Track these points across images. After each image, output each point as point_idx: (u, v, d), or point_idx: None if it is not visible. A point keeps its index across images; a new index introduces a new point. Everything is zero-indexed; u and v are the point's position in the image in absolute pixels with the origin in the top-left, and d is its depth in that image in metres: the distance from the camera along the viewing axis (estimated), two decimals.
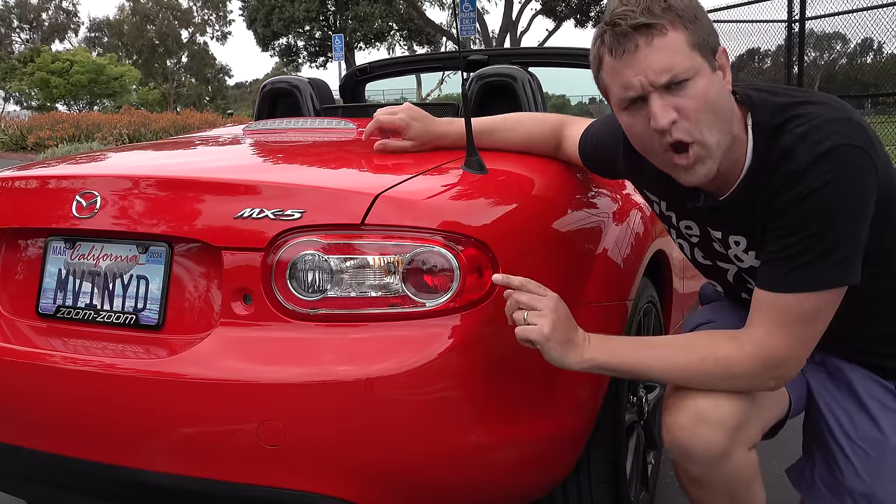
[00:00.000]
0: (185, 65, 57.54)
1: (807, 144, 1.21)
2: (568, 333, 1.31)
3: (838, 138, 1.19)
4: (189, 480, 1.34)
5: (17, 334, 1.54)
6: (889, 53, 11.10)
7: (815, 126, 1.21)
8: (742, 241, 1.38)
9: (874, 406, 1.42)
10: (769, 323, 1.26)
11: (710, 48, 1.24)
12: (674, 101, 1.21)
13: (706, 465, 1.33)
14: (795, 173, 1.21)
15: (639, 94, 1.23)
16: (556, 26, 31.60)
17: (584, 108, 29.39)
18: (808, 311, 1.24)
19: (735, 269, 1.45)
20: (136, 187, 1.50)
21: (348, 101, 3.31)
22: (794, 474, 1.54)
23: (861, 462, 1.40)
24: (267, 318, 1.35)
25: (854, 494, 1.41)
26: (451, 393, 1.31)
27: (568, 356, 1.31)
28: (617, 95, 1.27)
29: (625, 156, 1.50)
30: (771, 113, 1.27)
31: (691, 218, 1.45)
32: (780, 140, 1.24)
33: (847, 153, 1.19)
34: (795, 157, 1.21)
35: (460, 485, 1.37)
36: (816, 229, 1.20)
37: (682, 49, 1.21)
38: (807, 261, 1.22)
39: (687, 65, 1.20)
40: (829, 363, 1.48)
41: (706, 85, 1.22)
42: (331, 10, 32.40)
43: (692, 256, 1.55)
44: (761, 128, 1.28)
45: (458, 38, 2.63)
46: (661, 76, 1.20)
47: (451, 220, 1.35)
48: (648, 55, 1.20)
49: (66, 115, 22.69)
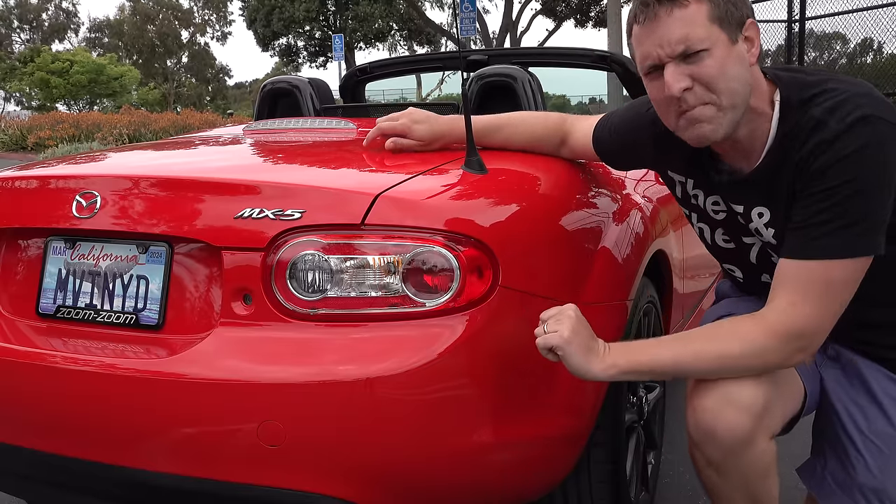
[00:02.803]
0: (185, 65, 57.54)
1: (837, 116, 1.25)
2: (588, 341, 1.32)
3: (868, 109, 1.24)
4: (189, 480, 1.34)
5: (17, 334, 1.55)
6: (889, 53, 11.10)
7: (843, 100, 1.26)
8: (766, 214, 1.39)
9: (888, 401, 1.42)
10: (793, 292, 1.27)
11: (736, 20, 1.28)
12: (689, 70, 1.27)
13: (728, 450, 1.33)
14: (826, 141, 1.25)
15: (656, 63, 1.30)
16: (556, 26, 31.61)
17: (584, 108, 29.38)
18: (833, 279, 1.26)
19: (759, 244, 1.46)
20: (136, 187, 1.50)
21: (348, 101, 3.31)
22: (804, 471, 1.54)
23: (873, 458, 1.41)
24: (267, 318, 1.35)
25: (865, 490, 1.41)
26: (451, 393, 1.31)
27: (591, 364, 1.31)
28: (640, 63, 1.34)
29: (656, 135, 1.52)
30: (799, 89, 1.31)
31: (717, 192, 1.47)
32: (808, 113, 1.29)
33: (876, 124, 1.23)
34: (827, 127, 1.25)
35: (460, 485, 1.37)
36: (845, 195, 1.23)
37: (702, 21, 1.26)
38: (835, 228, 1.24)
39: (702, 36, 1.26)
40: (843, 357, 1.48)
41: (723, 56, 1.27)
42: (331, 10, 32.39)
43: (712, 241, 1.56)
44: (790, 102, 1.31)
45: (458, 38, 2.64)
46: (677, 46, 1.26)
47: (452, 220, 1.35)
48: (668, 25, 1.27)
49: (66, 115, 22.68)
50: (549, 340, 1.30)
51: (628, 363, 1.32)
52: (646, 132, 1.55)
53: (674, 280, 2.23)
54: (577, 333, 1.30)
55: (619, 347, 1.35)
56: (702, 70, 1.26)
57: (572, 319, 1.32)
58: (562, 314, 1.33)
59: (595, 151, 1.71)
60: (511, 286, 1.37)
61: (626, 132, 1.63)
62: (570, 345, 1.29)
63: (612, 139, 1.67)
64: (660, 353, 1.34)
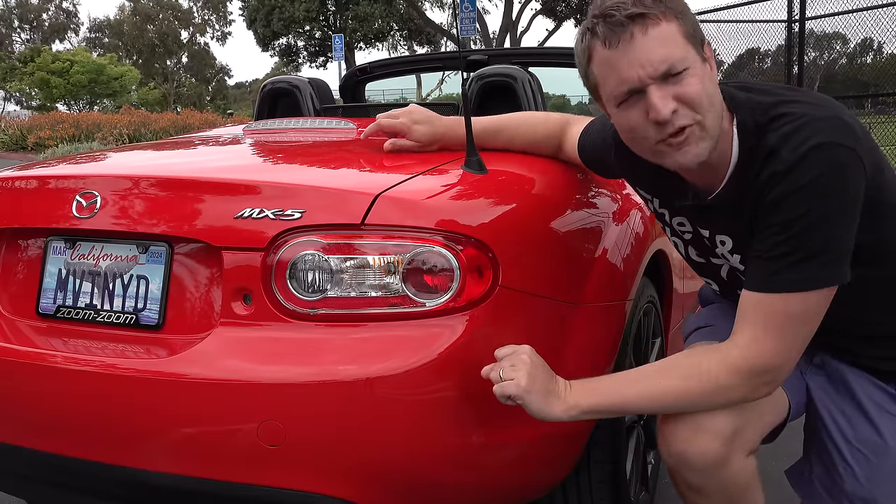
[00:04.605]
0: (185, 65, 57.54)
1: (791, 144, 1.19)
2: (547, 384, 1.29)
3: (823, 136, 1.18)
4: (189, 480, 1.34)
5: (18, 334, 1.55)
6: (889, 53, 11.11)
7: (799, 125, 1.20)
8: (728, 242, 1.37)
9: (874, 410, 1.41)
10: (755, 327, 1.24)
11: (699, 40, 1.24)
12: (672, 90, 1.20)
13: (703, 474, 1.33)
14: (780, 173, 1.20)
15: (636, 87, 1.21)
16: (556, 26, 31.61)
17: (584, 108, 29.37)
18: (794, 312, 1.22)
19: (728, 266, 1.44)
20: (136, 187, 1.50)
21: (348, 101, 3.31)
22: (793, 475, 1.54)
23: (860, 466, 1.39)
24: (267, 318, 1.35)
25: (853, 498, 1.40)
26: (451, 393, 1.31)
27: (552, 407, 1.28)
28: (612, 90, 1.24)
29: (616, 156, 1.50)
30: (755, 112, 1.26)
31: (682, 214, 1.45)
32: (764, 140, 1.24)
33: (831, 151, 1.18)
34: (780, 157, 1.20)
35: (460, 485, 1.37)
36: (802, 228, 1.19)
37: (677, 39, 1.20)
38: (794, 261, 1.20)
39: (683, 55, 1.20)
40: (828, 366, 1.47)
41: (701, 75, 1.21)
42: (331, 10, 32.40)
43: (686, 254, 1.54)
44: (746, 127, 1.26)
45: (458, 38, 2.64)
46: (660, 66, 1.19)
47: (451, 220, 1.35)
48: (645, 44, 1.19)
49: (66, 115, 22.67)
50: (506, 389, 1.26)
51: (589, 404, 1.30)
52: (610, 150, 1.52)
53: (674, 280, 2.23)
54: (534, 379, 1.27)
55: (581, 386, 1.32)
56: (686, 90, 1.19)
57: (527, 365, 1.27)
58: (516, 359, 1.29)
59: (581, 161, 1.70)
60: (511, 286, 1.37)
61: (598, 146, 1.60)
62: (528, 393, 1.26)
63: (591, 150, 1.65)
64: (622, 391, 1.31)
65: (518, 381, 1.26)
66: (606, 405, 1.31)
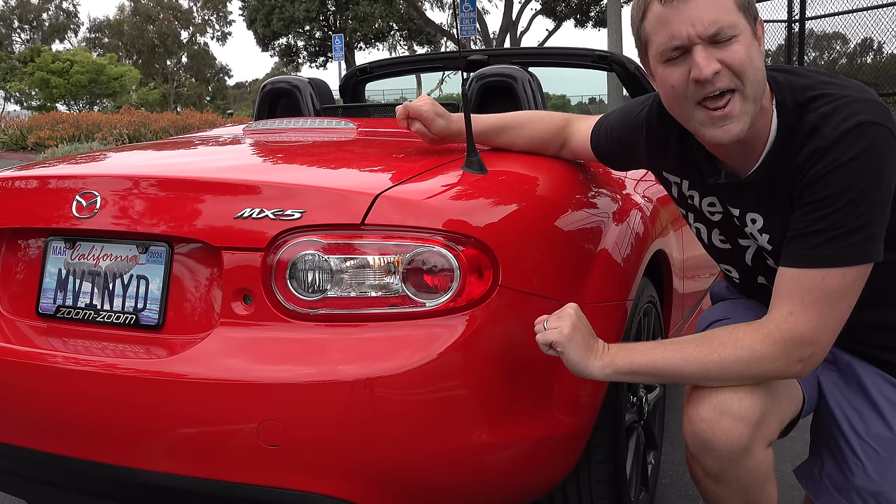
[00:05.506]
0: (185, 65, 57.55)
1: (833, 122, 1.23)
2: (587, 339, 1.33)
3: (864, 116, 1.21)
4: (189, 480, 1.34)
5: (18, 334, 1.54)
6: (889, 53, 11.10)
7: (839, 105, 1.24)
8: (759, 220, 1.39)
9: (885, 404, 1.42)
10: (793, 302, 1.26)
11: (753, 15, 1.27)
12: (718, 54, 1.23)
13: (726, 459, 1.33)
14: (822, 149, 1.23)
15: (684, 44, 1.24)
16: (556, 26, 31.60)
17: (584, 108, 29.37)
18: (833, 288, 1.24)
19: (755, 246, 1.45)
20: (136, 187, 1.50)
21: (348, 101, 3.31)
22: (801, 473, 1.54)
23: (871, 460, 1.40)
24: (267, 318, 1.35)
25: (863, 493, 1.41)
26: (452, 393, 1.31)
27: (589, 362, 1.32)
28: (660, 45, 1.28)
29: (648, 135, 1.51)
30: (795, 92, 1.29)
31: (714, 193, 1.46)
32: (805, 119, 1.27)
33: (873, 130, 1.21)
34: (822, 134, 1.23)
35: (460, 485, 1.37)
36: (843, 204, 1.21)
37: (730, 6, 1.24)
38: (833, 236, 1.22)
39: (734, 21, 1.23)
40: (840, 360, 1.48)
41: (748, 45, 1.25)
42: (331, 10, 32.41)
43: (709, 241, 1.55)
44: (785, 107, 1.30)
45: (458, 38, 2.64)
46: (710, 27, 1.22)
47: (452, 220, 1.35)
48: (699, 4, 1.22)
49: (66, 115, 22.65)
50: (548, 336, 1.32)
51: (626, 364, 1.33)
52: (640, 133, 1.55)
53: (674, 280, 2.23)
54: (577, 330, 1.31)
55: (618, 348, 1.35)
56: (732, 56, 1.23)
57: (572, 317, 1.33)
58: (563, 311, 1.34)
59: (593, 153, 1.71)
60: (511, 286, 1.38)
61: (621, 134, 1.62)
62: (570, 341, 1.30)
63: (608, 141, 1.67)
64: (657, 355, 1.33)
65: (561, 329, 1.31)
66: (640, 366, 1.33)
